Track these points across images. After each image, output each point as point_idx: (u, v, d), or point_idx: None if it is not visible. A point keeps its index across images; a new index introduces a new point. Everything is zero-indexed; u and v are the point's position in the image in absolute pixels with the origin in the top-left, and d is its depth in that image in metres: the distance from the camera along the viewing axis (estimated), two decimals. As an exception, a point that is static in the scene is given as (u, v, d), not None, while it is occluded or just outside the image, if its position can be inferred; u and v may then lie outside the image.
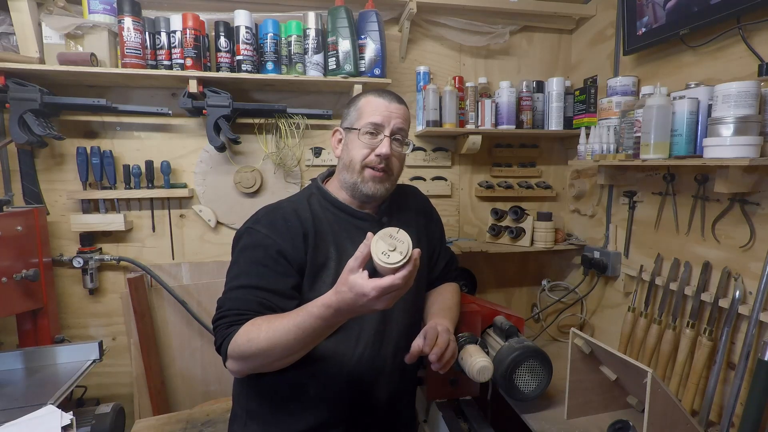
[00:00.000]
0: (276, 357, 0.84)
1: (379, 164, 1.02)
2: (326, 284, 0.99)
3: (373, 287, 0.73)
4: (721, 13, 1.17)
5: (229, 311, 0.91)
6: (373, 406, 1.07)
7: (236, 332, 0.86)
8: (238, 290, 0.93)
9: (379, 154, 1.01)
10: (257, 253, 0.96)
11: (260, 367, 0.89)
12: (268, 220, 1.00)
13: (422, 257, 1.16)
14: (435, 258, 1.27)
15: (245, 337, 0.84)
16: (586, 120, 1.73)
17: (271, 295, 0.93)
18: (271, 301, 0.92)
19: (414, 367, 1.19)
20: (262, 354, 0.84)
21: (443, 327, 1.02)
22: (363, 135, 1.02)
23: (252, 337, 0.84)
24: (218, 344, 0.90)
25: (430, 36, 1.87)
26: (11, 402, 1.15)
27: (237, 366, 0.89)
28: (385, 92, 1.07)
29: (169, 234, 1.74)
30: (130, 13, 1.46)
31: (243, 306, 0.91)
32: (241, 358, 0.86)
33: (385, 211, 1.12)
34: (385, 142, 1.01)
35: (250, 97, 1.75)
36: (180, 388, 1.76)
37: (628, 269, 1.62)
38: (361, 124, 1.02)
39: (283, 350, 0.83)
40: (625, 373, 1.13)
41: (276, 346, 0.82)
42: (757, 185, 1.14)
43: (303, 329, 0.81)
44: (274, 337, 0.82)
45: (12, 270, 1.35)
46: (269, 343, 0.82)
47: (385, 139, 1.02)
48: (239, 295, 0.93)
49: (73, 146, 1.59)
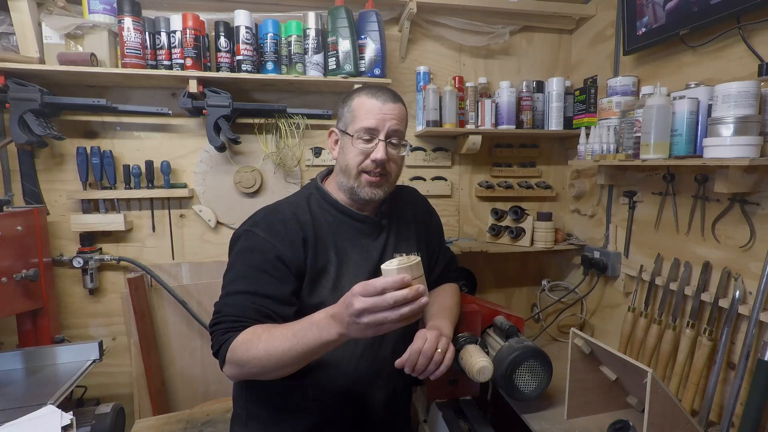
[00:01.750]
0: (272, 367, 0.83)
1: (375, 169, 1.00)
2: (326, 288, 0.99)
3: (359, 291, 0.71)
4: (721, 13, 1.17)
5: (226, 317, 0.90)
6: (372, 407, 1.07)
7: (234, 339, 0.85)
8: (235, 296, 0.92)
9: (374, 159, 0.98)
10: (255, 257, 0.94)
11: (256, 375, 0.88)
12: (266, 224, 0.98)
13: (422, 260, 1.16)
14: (435, 259, 1.26)
15: (244, 346, 0.84)
16: (586, 120, 1.73)
17: (269, 302, 0.92)
18: (269, 307, 0.91)
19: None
20: (258, 363, 0.83)
21: (434, 333, 0.95)
22: (357, 141, 0.99)
23: (250, 347, 0.83)
24: (215, 349, 0.90)
25: (430, 36, 1.87)
26: (11, 402, 1.15)
27: (234, 371, 0.88)
28: (380, 91, 1.02)
29: (169, 234, 1.74)
30: (130, 13, 1.46)
31: (240, 313, 0.90)
32: (237, 365, 0.86)
33: (385, 212, 1.12)
34: (380, 147, 0.98)
35: (250, 97, 1.76)
36: (180, 388, 1.76)
37: (628, 269, 1.62)
38: (355, 128, 0.99)
39: (279, 360, 0.82)
40: (625, 373, 1.13)
41: (272, 355, 0.81)
42: (757, 185, 1.14)
43: (298, 338, 0.80)
44: (272, 346, 0.81)
45: (12, 270, 1.35)
46: (267, 353, 0.81)
47: (380, 144, 0.98)
48: (236, 301, 0.91)
49: (73, 146, 1.59)
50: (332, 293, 0.99)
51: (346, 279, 1.01)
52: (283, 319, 0.93)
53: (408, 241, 1.15)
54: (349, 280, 1.01)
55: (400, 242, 1.13)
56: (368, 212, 1.09)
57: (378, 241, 1.08)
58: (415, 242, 1.16)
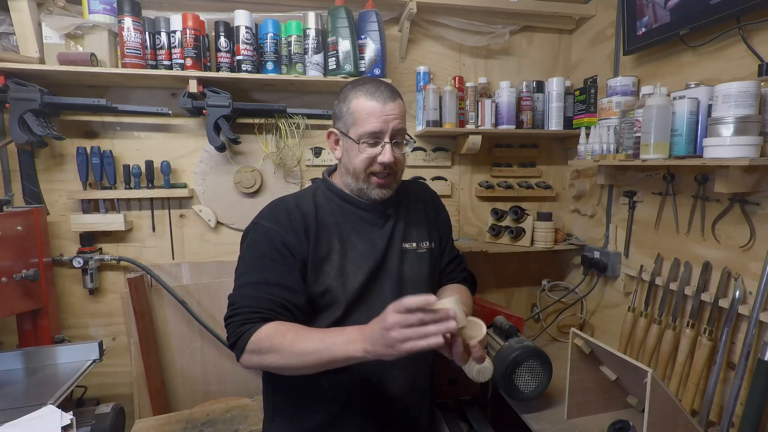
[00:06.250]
0: (293, 366, 0.85)
1: (384, 170, 1.01)
2: (330, 276, 0.99)
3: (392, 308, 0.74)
4: (721, 13, 1.17)
5: (241, 309, 0.91)
6: (390, 399, 1.06)
7: (254, 330, 0.87)
8: (248, 287, 0.94)
9: (383, 162, 0.99)
10: (263, 247, 0.97)
11: (275, 369, 0.90)
12: (271, 214, 1.01)
13: (433, 251, 1.16)
14: (441, 251, 1.24)
15: (267, 341, 0.86)
16: (586, 120, 1.73)
17: (281, 290, 0.93)
18: (282, 296, 0.93)
19: (430, 359, 1.18)
20: (280, 359, 0.85)
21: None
22: (362, 145, 0.99)
23: (274, 342, 0.85)
24: (232, 341, 0.91)
25: (430, 36, 1.87)
26: (11, 402, 1.15)
27: (253, 361, 0.89)
28: (377, 90, 0.99)
29: (169, 234, 1.74)
30: (130, 13, 1.46)
31: (254, 304, 0.91)
32: (257, 353, 0.87)
33: (391, 202, 1.11)
34: (386, 149, 0.98)
35: (250, 97, 1.75)
36: (180, 388, 1.76)
37: (628, 269, 1.61)
38: (358, 133, 0.98)
39: (301, 360, 0.84)
40: (625, 373, 1.13)
41: (296, 353, 0.83)
42: (757, 185, 1.14)
43: (326, 344, 0.82)
44: (298, 346, 0.83)
45: (12, 270, 1.35)
46: (291, 351, 0.84)
47: (386, 147, 0.98)
48: (250, 292, 0.93)
49: (73, 146, 1.59)
50: (337, 280, 0.99)
51: (351, 267, 1.02)
52: (297, 308, 0.95)
53: (419, 230, 1.14)
54: (354, 268, 1.02)
55: (410, 231, 1.12)
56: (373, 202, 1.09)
57: (384, 230, 1.08)
58: (426, 232, 1.15)
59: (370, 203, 1.07)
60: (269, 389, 1.10)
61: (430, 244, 1.15)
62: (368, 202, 1.07)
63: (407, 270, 1.08)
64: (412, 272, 1.09)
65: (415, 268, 1.10)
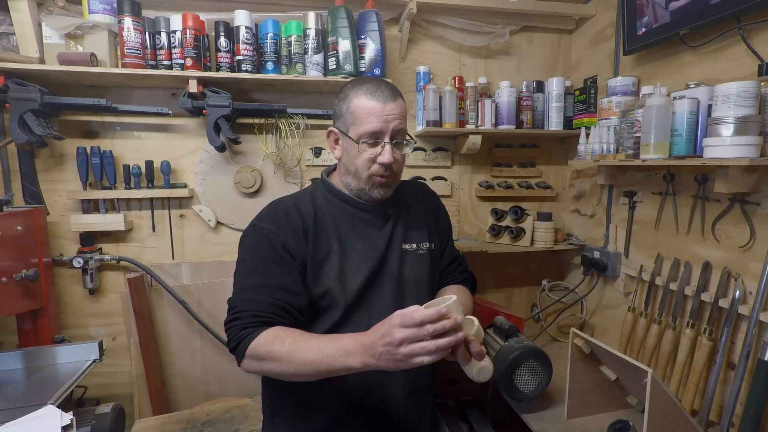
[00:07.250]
0: (291, 373, 0.85)
1: (384, 172, 1.00)
2: (329, 278, 0.99)
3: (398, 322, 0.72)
4: (721, 13, 1.17)
5: (242, 313, 0.91)
6: (391, 402, 1.05)
7: (255, 335, 0.87)
8: (249, 290, 0.93)
9: (383, 163, 0.98)
10: (263, 250, 0.96)
11: (274, 376, 0.89)
12: (270, 216, 1.00)
13: (434, 252, 1.15)
14: (441, 252, 1.24)
15: (266, 347, 0.86)
16: (586, 120, 1.73)
17: (282, 293, 0.93)
18: (283, 299, 0.92)
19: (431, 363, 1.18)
20: (278, 366, 0.85)
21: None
22: (362, 146, 0.99)
23: (273, 349, 0.85)
24: (233, 346, 0.90)
25: (430, 36, 1.87)
26: (11, 402, 1.15)
27: (253, 366, 0.89)
28: (378, 89, 0.99)
29: (169, 234, 1.74)
30: (130, 13, 1.46)
31: (255, 308, 0.91)
32: (256, 360, 0.87)
33: (390, 203, 1.10)
34: (387, 150, 0.98)
35: (250, 97, 1.75)
36: (180, 388, 1.76)
37: (628, 269, 1.61)
38: (359, 133, 0.98)
39: (298, 369, 0.83)
40: (625, 373, 1.13)
41: (294, 362, 0.83)
42: (757, 185, 1.14)
43: (324, 355, 0.81)
44: (296, 355, 0.83)
45: (12, 270, 1.35)
46: (290, 359, 0.83)
47: (387, 147, 0.98)
48: (251, 296, 0.92)
49: (73, 146, 1.59)
50: (336, 282, 0.99)
51: (350, 268, 1.01)
52: (298, 311, 0.94)
53: (419, 231, 1.14)
54: (353, 269, 1.01)
55: (410, 232, 1.12)
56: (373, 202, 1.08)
57: (383, 231, 1.08)
58: (426, 233, 1.15)
59: (369, 204, 1.07)
60: (268, 391, 1.09)
61: (430, 245, 1.14)
62: (368, 203, 1.06)
63: (407, 271, 1.08)
64: (412, 274, 1.08)
65: (415, 270, 1.09)
